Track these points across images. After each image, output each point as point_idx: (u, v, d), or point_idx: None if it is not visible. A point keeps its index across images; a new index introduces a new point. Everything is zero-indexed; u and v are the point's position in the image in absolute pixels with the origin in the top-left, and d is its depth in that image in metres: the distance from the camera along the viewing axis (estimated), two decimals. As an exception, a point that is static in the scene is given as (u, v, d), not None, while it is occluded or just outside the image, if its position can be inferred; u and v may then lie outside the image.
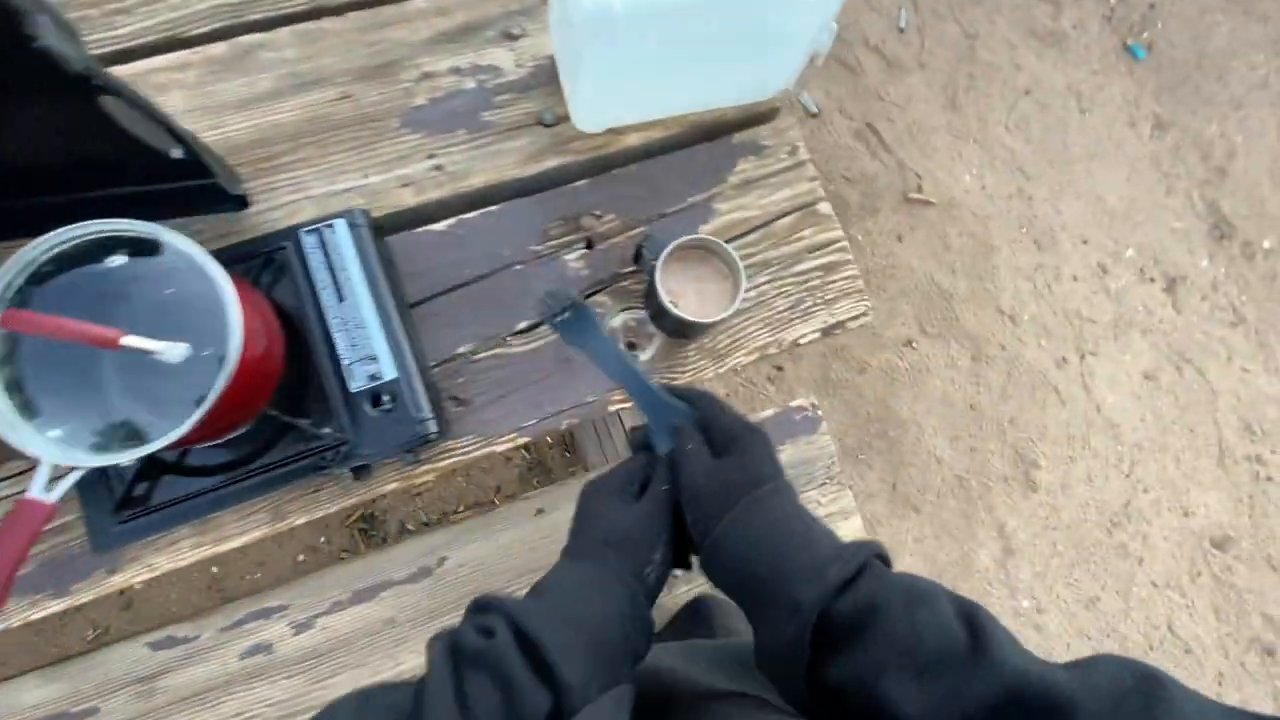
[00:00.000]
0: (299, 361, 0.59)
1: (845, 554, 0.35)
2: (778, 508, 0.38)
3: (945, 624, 0.31)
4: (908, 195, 1.60)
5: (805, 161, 0.77)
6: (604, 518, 0.41)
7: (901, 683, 0.30)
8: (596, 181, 0.73)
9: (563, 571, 0.39)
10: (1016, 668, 0.28)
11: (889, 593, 0.33)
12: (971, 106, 1.69)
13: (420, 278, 0.69)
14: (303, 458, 0.58)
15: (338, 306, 0.60)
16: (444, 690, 0.30)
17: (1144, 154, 1.74)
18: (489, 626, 0.33)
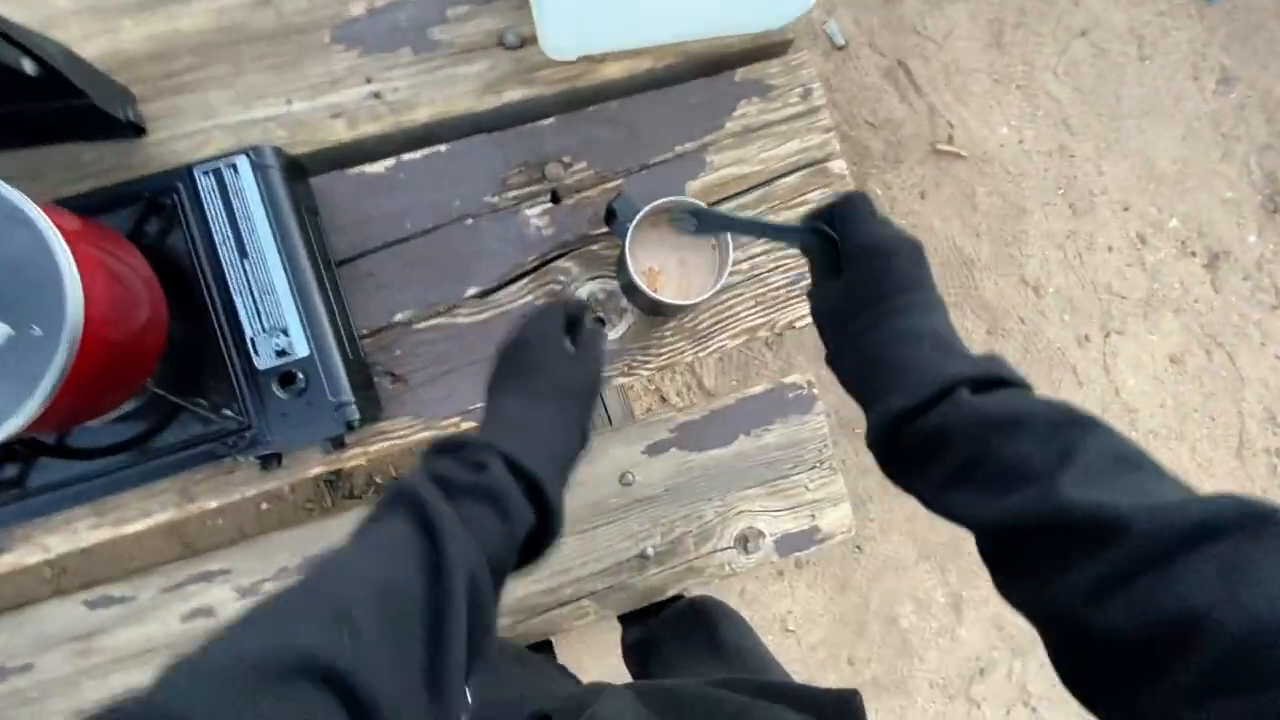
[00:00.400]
0: (194, 330, 0.50)
1: (917, 383, 0.36)
2: (893, 328, 0.39)
3: (1020, 452, 0.31)
4: (936, 146, 1.45)
5: (820, 108, 0.64)
6: (557, 366, 0.43)
7: (965, 495, 0.33)
8: (567, 120, 0.61)
9: (528, 409, 0.41)
10: (1076, 497, 0.28)
11: (961, 420, 0.34)
12: (1018, 47, 1.50)
13: (351, 230, 0.58)
14: (199, 442, 0.49)
15: (240, 265, 0.50)
16: (454, 521, 0.31)
17: (1204, 112, 1.56)
18: (479, 461, 0.35)
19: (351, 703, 0.23)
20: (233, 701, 0.21)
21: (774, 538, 0.81)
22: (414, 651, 0.27)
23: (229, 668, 0.22)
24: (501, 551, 0.34)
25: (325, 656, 0.23)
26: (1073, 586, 0.27)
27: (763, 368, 1.37)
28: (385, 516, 0.32)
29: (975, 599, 1.41)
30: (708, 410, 0.79)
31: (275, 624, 0.25)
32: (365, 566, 0.29)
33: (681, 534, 0.79)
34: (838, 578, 1.38)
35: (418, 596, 0.29)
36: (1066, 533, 0.28)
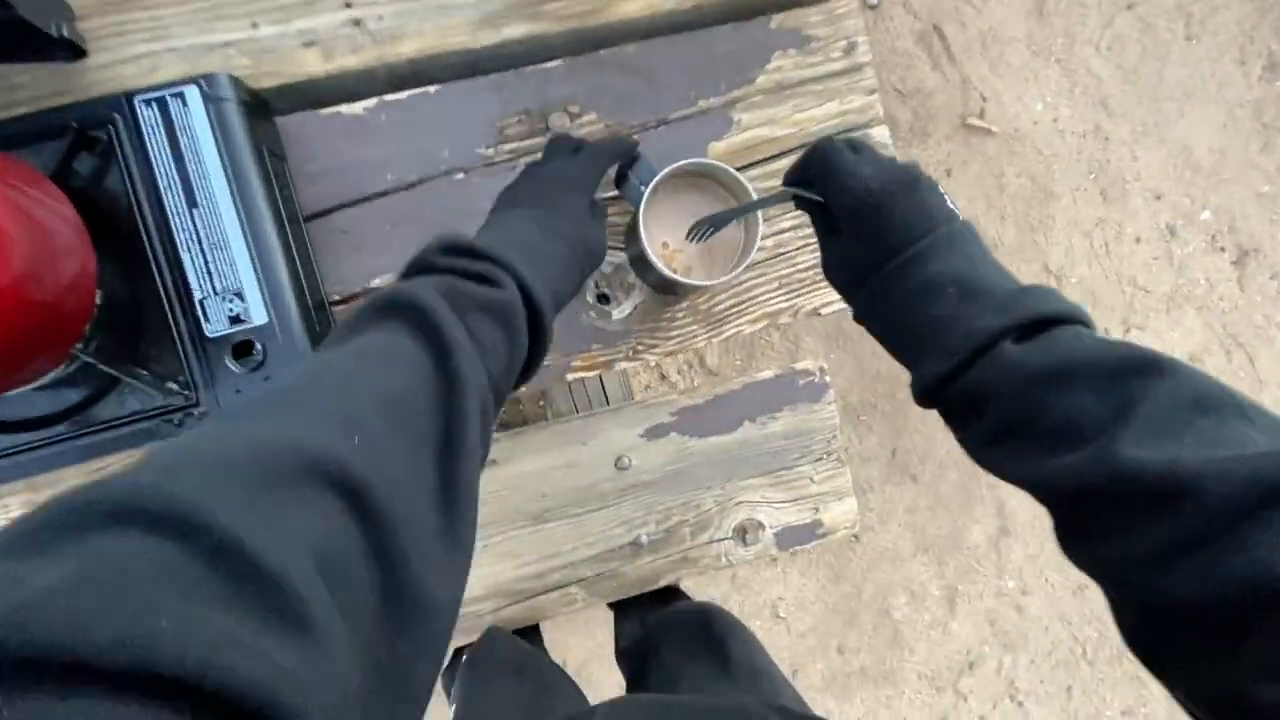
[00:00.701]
0: (134, 289, 0.43)
1: (949, 346, 0.33)
2: (914, 276, 0.35)
3: (1073, 408, 0.28)
4: (967, 120, 1.36)
5: (864, 65, 0.57)
6: (576, 214, 0.42)
7: (1010, 453, 0.31)
8: (576, 64, 0.53)
9: (545, 242, 0.39)
10: (1136, 458, 0.25)
11: (1003, 377, 0.31)
12: (1061, 17, 1.40)
13: (322, 180, 0.51)
14: (139, 419, 0.43)
15: (188, 215, 0.42)
16: (464, 337, 0.29)
17: (1247, 99, 1.48)
18: (494, 277, 0.33)
19: (363, 511, 0.21)
20: (240, 493, 0.18)
21: (774, 530, 0.76)
22: (425, 469, 0.25)
23: (238, 462, 0.19)
24: (503, 375, 0.32)
25: (338, 460, 0.20)
26: (1138, 552, 0.25)
27: (769, 348, 1.31)
28: (384, 324, 0.29)
29: (970, 593, 1.39)
30: (712, 395, 0.73)
31: (278, 422, 0.22)
32: (369, 376, 0.25)
33: (678, 522, 0.74)
34: (832, 567, 1.35)
35: (428, 414, 0.26)
36: (1128, 497, 0.25)
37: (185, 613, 0.14)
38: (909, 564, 1.37)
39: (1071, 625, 1.41)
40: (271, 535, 0.17)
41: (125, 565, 0.15)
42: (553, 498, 0.73)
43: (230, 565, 0.16)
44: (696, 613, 0.67)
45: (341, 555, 0.19)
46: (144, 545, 0.16)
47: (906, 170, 0.37)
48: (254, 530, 0.17)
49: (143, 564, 0.15)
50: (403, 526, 0.21)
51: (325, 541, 0.19)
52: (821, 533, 0.77)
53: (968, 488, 1.38)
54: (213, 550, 0.16)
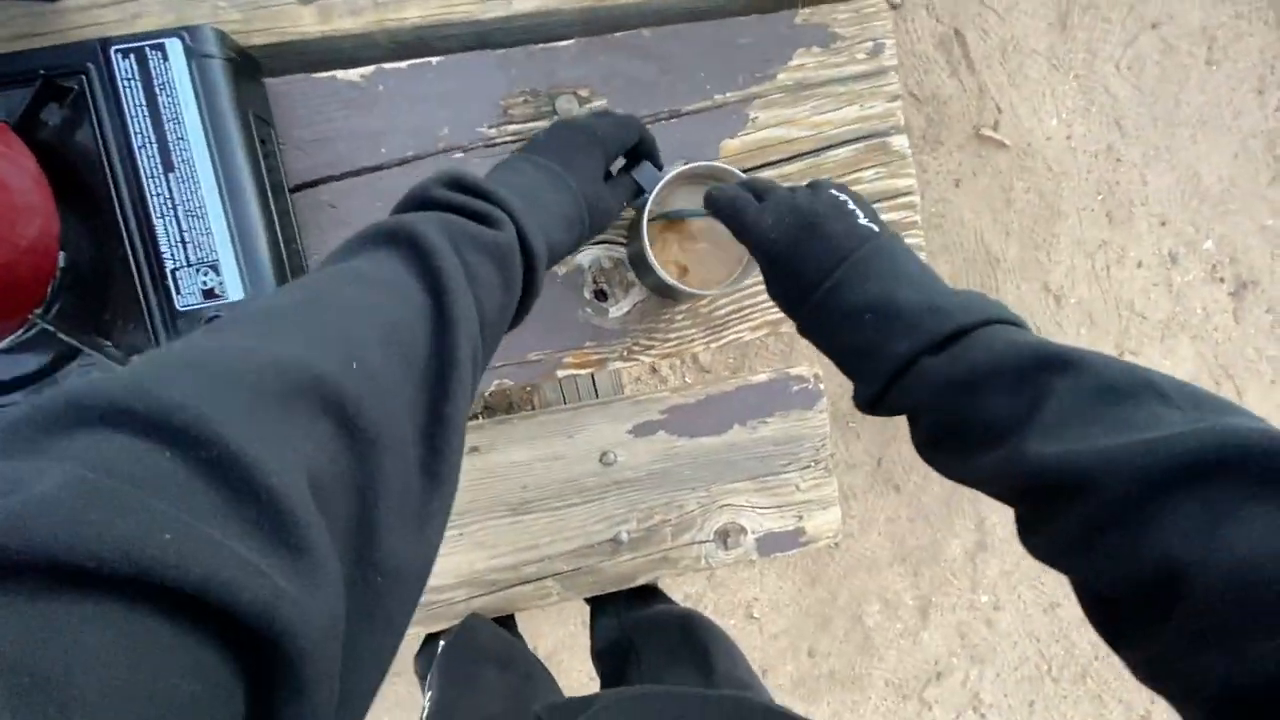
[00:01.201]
0: (100, 254, 0.40)
1: (870, 370, 0.34)
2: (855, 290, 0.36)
3: (988, 410, 0.30)
4: (981, 130, 1.34)
5: (889, 69, 0.54)
6: (591, 177, 0.42)
7: (946, 457, 0.32)
8: (588, 46, 0.50)
9: (551, 194, 0.39)
10: (1040, 455, 0.26)
11: (925, 390, 0.32)
12: (1084, 32, 1.38)
13: (312, 149, 0.48)
14: (100, 392, 0.40)
15: (164, 179, 0.39)
16: (461, 275, 0.28)
17: (1261, 130, 1.47)
18: (494, 217, 0.33)
19: (352, 434, 0.20)
20: (242, 406, 0.17)
21: (756, 536, 0.75)
22: (417, 404, 0.24)
23: (241, 374, 0.18)
24: (496, 318, 0.32)
25: (333, 380, 0.20)
26: (1062, 542, 0.27)
27: (763, 349, 1.29)
28: (381, 252, 0.28)
29: (943, 605, 1.39)
30: (704, 395, 0.72)
31: (273, 335, 0.21)
32: (366, 302, 0.25)
33: (660, 522, 0.72)
34: (809, 571, 1.35)
35: (423, 350, 0.25)
36: (1040, 492, 0.27)
37: (188, 526, 0.14)
38: (885, 572, 1.37)
39: (1040, 642, 1.43)
40: (272, 453, 0.17)
41: (126, 472, 0.14)
42: (534, 489, 0.71)
43: (232, 481, 0.16)
44: (679, 619, 0.66)
45: (331, 481, 0.19)
46: (142, 451, 0.15)
47: (808, 210, 0.37)
48: (255, 447, 0.16)
49: (142, 471, 0.15)
50: (391, 451, 0.21)
51: (317, 467, 0.18)
52: (804, 541, 0.76)
53: (949, 501, 1.38)
54: (213, 463, 0.16)
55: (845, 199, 0.38)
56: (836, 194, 0.38)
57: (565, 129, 0.43)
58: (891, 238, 0.37)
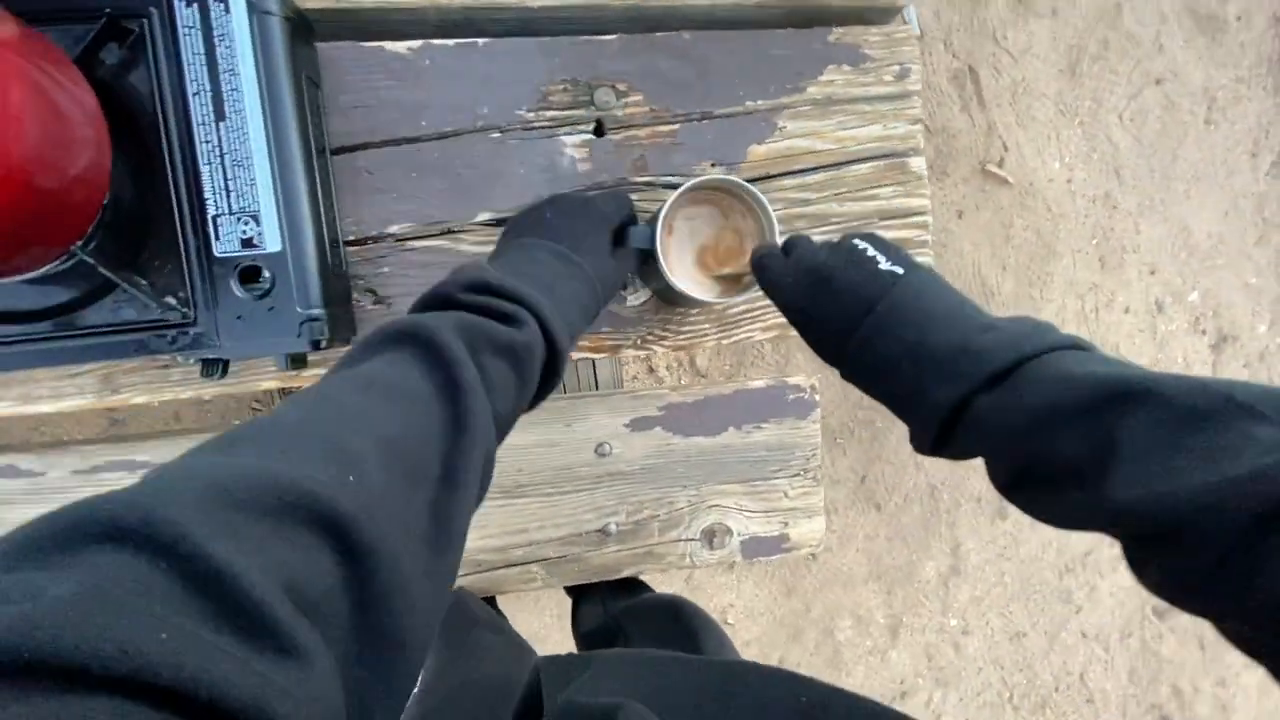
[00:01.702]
0: (145, 193, 0.41)
1: (921, 417, 0.34)
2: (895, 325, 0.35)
3: (1062, 453, 0.28)
4: (986, 166, 1.38)
5: (913, 94, 0.57)
6: (601, 255, 0.43)
7: (1026, 499, 0.31)
8: (631, 43, 0.52)
9: (565, 280, 0.40)
10: (1125, 501, 0.25)
11: (985, 437, 0.31)
12: (1091, 80, 1.42)
13: (354, 116, 0.49)
14: (130, 330, 0.41)
15: (214, 127, 0.41)
16: (478, 383, 0.29)
17: (1251, 191, 1.52)
18: (515, 316, 0.33)
19: (346, 548, 0.21)
20: (226, 524, 0.18)
21: (741, 538, 0.77)
22: (419, 511, 0.25)
23: (229, 490, 0.19)
24: (508, 417, 0.33)
25: (325, 496, 0.21)
26: (1169, 584, 0.26)
27: (760, 359, 1.31)
28: (398, 356, 0.29)
29: (913, 625, 1.42)
30: (702, 395, 0.73)
31: (272, 451, 0.22)
32: (374, 412, 0.26)
33: (649, 516, 0.74)
34: (786, 582, 1.36)
35: (430, 454, 0.26)
36: (1131, 536, 0.26)
37: (180, 628, 0.15)
38: (860, 589, 1.39)
39: (1004, 669, 1.45)
40: (255, 567, 0.18)
41: (124, 582, 0.16)
42: (529, 474, 0.72)
43: (219, 593, 0.17)
44: (668, 604, 0.67)
45: (317, 591, 0.20)
46: (140, 565, 0.17)
47: (823, 264, 0.38)
48: (233, 559, 0.17)
49: (140, 582, 0.16)
50: (385, 565, 0.22)
51: (300, 575, 0.19)
52: (787, 547, 0.77)
53: (928, 524, 1.41)
54: (201, 576, 0.17)
55: (864, 246, 0.38)
56: (857, 243, 0.38)
57: (571, 209, 0.44)
58: (920, 278, 0.36)
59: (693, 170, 0.54)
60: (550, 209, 0.44)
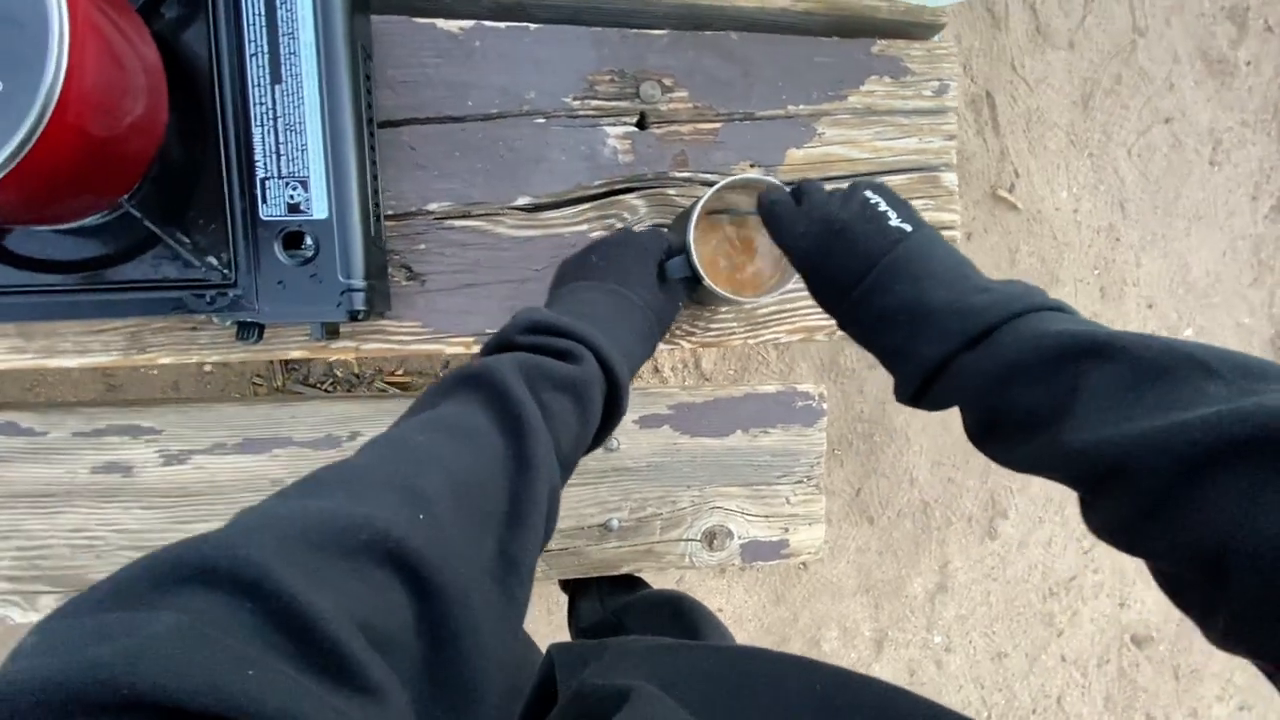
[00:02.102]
0: (194, 151, 0.40)
1: (908, 371, 0.35)
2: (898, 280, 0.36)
3: (1026, 401, 0.30)
4: (996, 191, 1.40)
5: (950, 110, 0.58)
6: (649, 285, 0.43)
7: (993, 448, 0.33)
8: (679, 38, 0.53)
9: (619, 314, 0.40)
10: (1077, 444, 0.27)
11: (964, 387, 0.33)
12: (1103, 114, 1.45)
13: (402, 90, 0.49)
14: (168, 287, 0.41)
15: (269, 90, 0.40)
16: (539, 420, 0.30)
17: (1250, 233, 1.56)
18: (574, 353, 0.34)
19: (417, 584, 0.22)
20: (305, 563, 0.20)
21: (742, 541, 0.77)
22: (487, 548, 0.26)
23: (310, 531, 0.21)
24: (571, 452, 0.33)
25: (397, 534, 0.22)
26: (1110, 524, 0.27)
27: (764, 365, 1.32)
28: (464, 400, 0.30)
29: (898, 640, 1.43)
30: (712, 396, 0.73)
31: (348, 493, 0.24)
32: (442, 452, 0.27)
33: (651, 514, 0.74)
34: (776, 590, 1.37)
35: (497, 493, 0.27)
36: (1082, 478, 0.28)
37: (267, 666, 0.16)
38: (848, 601, 1.40)
39: (984, 689, 1.47)
40: (331, 604, 0.19)
41: (215, 621, 0.17)
42: (538, 463, 0.72)
43: (298, 629, 0.18)
44: (668, 599, 0.67)
45: (390, 627, 0.21)
46: (229, 604, 0.18)
47: (837, 215, 0.38)
48: (311, 597, 0.18)
49: (229, 620, 0.17)
50: (457, 602, 0.22)
51: (374, 612, 0.20)
52: (786, 553, 0.78)
53: (918, 540, 1.42)
54: (281, 614, 0.18)
55: (877, 200, 0.38)
56: (869, 195, 0.39)
57: (613, 248, 0.45)
58: (926, 236, 0.37)
59: (731, 169, 0.54)
60: (594, 253, 0.45)
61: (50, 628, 0.16)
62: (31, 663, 0.15)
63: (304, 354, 0.50)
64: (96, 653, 0.15)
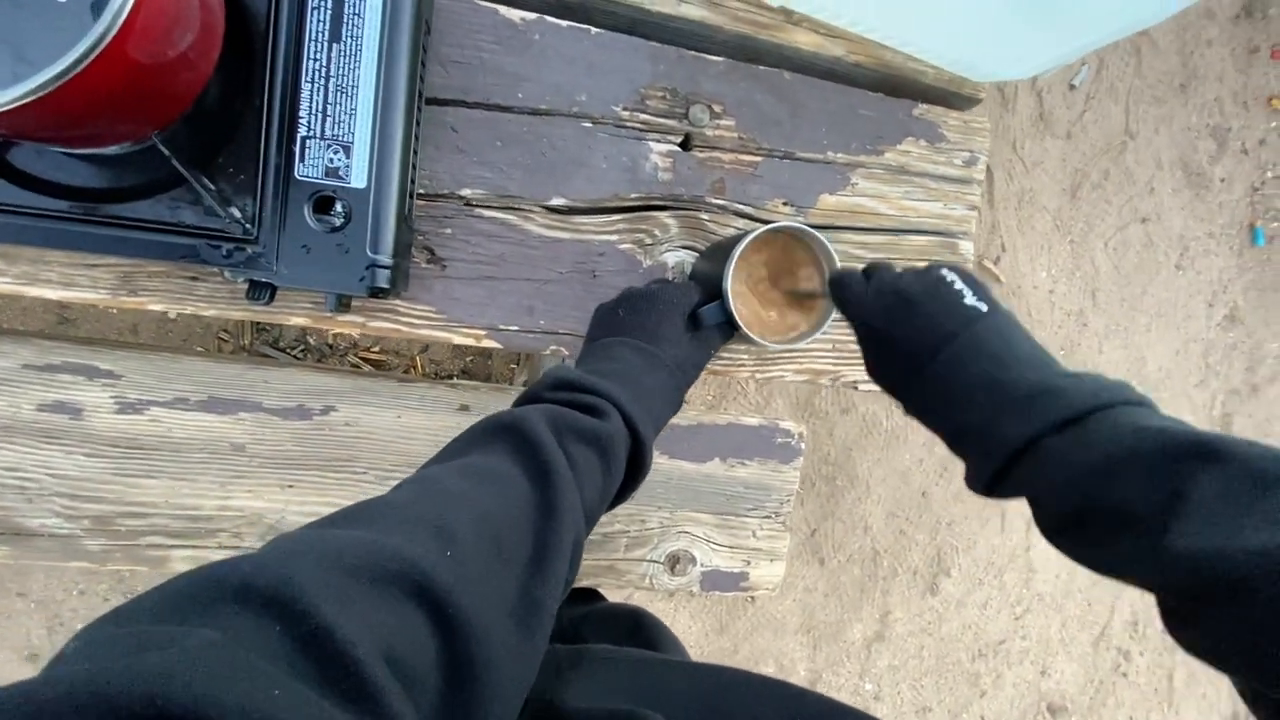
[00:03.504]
0: (236, 97, 0.38)
1: (985, 451, 0.33)
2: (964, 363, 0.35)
3: (1124, 499, 0.28)
4: (983, 261, 1.45)
5: (975, 181, 0.60)
6: (676, 341, 0.44)
7: (1073, 543, 0.31)
8: (734, 68, 0.53)
9: (647, 374, 0.41)
10: (1186, 552, 0.25)
11: (1049, 477, 0.31)
12: (1088, 205, 1.53)
13: (454, 71, 0.48)
14: (184, 232, 0.38)
15: (325, 48, 0.39)
16: (566, 469, 0.31)
17: (1202, 337, 1.65)
18: (600, 409, 0.35)
19: (441, 618, 0.22)
20: (337, 588, 0.20)
21: (704, 569, 0.77)
22: (510, 588, 0.26)
23: (343, 558, 0.21)
24: (596, 503, 0.34)
25: (425, 567, 0.22)
26: (1212, 640, 0.26)
27: (742, 396, 1.33)
28: (493, 447, 0.31)
29: (831, 683, 1.44)
30: (696, 422, 0.74)
31: (381, 525, 0.24)
32: (471, 495, 0.27)
33: (619, 531, 0.73)
34: (720, 619, 1.37)
35: (522, 536, 0.28)
36: (1187, 587, 0.26)
37: (291, 687, 0.17)
38: (789, 639, 1.41)
39: (905, 741, 1.49)
40: (357, 629, 0.19)
41: (247, 640, 0.18)
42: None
43: (325, 651, 0.18)
44: (629, 612, 0.67)
45: (412, 658, 0.21)
46: (262, 624, 0.18)
47: (907, 289, 0.38)
48: (339, 620, 0.19)
49: (260, 641, 0.18)
50: (477, 639, 0.23)
51: (398, 642, 0.21)
52: (744, 586, 0.78)
53: (864, 587, 1.45)
54: (309, 635, 0.18)
55: (952, 279, 0.38)
56: (944, 274, 0.38)
57: (641, 304, 0.44)
58: (1006, 316, 0.36)
59: (765, 204, 0.55)
60: (622, 307, 0.45)
61: (93, 636, 0.17)
62: (72, 669, 0.15)
63: (308, 322, 0.47)
64: (134, 663, 0.15)
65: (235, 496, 0.66)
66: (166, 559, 0.62)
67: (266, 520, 0.64)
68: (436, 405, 0.68)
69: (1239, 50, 1.60)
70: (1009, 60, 0.52)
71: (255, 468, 0.67)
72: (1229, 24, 1.59)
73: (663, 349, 0.43)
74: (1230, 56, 1.59)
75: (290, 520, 0.63)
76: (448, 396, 0.69)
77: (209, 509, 0.65)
